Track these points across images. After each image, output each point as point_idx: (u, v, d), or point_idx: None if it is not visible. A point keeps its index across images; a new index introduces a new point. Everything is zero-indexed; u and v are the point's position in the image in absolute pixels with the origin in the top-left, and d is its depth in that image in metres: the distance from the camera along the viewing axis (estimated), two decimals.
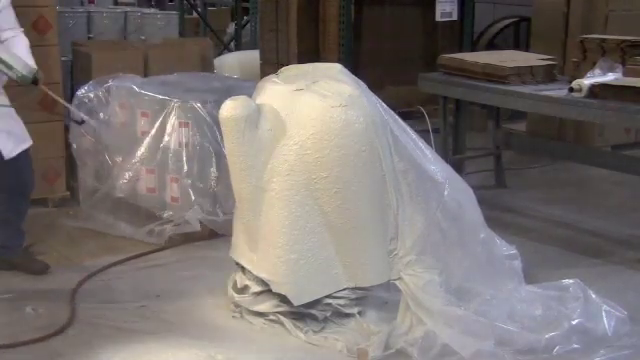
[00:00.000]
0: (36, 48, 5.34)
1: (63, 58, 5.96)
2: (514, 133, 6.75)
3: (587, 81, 4.69)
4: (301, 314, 3.82)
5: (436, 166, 4.01)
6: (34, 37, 5.32)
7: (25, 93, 5.27)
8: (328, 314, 3.82)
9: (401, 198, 3.83)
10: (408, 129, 3.99)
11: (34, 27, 5.34)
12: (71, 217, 5.34)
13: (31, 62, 4.36)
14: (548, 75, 5.22)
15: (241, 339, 3.78)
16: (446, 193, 3.95)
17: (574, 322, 3.69)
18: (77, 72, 6.25)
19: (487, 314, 3.67)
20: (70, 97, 5.59)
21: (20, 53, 4.33)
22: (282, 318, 3.83)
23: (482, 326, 3.58)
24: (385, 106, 3.95)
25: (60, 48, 5.60)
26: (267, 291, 3.85)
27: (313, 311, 3.80)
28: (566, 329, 3.65)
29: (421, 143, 4.01)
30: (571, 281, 3.95)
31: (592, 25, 6.57)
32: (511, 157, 6.74)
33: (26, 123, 4.41)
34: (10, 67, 4.17)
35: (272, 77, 4.02)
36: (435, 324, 3.60)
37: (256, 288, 3.90)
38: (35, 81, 4.31)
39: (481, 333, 3.56)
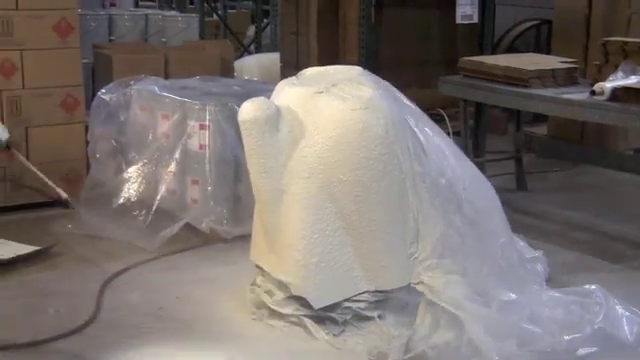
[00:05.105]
0: (58, 51, 5.42)
1: (84, 60, 6.00)
2: (535, 136, 6.71)
3: (609, 84, 4.66)
4: (321, 317, 3.80)
5: (457, 168, 3.98)
6: (56, 40, 5.38)
7: (46, 95, 5.35)
8: (348, 317, 3.80)
9: (420, 201, 3.81)
10: (435, 128, 3.96)
11: (56, 29, 5.38)
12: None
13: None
14: (570, 78, 5.19)
15: (261, 341, 3.77)
16: (464, 197, 3.92)
17: (596, 327, 3.66)
18: (98, 74, 6.29)
19: (508, 317, 3.64)
20: (91, 99, 5.63)
21: None
22: (305, 319, 3.81)
23: (505, 326, 3.56)
24: (410, 104, 3.92)
25: (81, 50, 5.64)
26: (287, 294, 3.85)
27: (333, 314, 3.79)
28: (588, 333, 3.63)
29: (445, 144, 3.98)
30: (593, 287, 3.91)
31: (614, 28, 6.52)
32: (532, 160, 6.71)
33: (47, 125, 4.43)
34: None
35: (291, 79, 4.00)
36: (465, 317, 3.56)
37: (276, 291, 3.89)
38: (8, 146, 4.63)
39: (503, 333, 3.53)
